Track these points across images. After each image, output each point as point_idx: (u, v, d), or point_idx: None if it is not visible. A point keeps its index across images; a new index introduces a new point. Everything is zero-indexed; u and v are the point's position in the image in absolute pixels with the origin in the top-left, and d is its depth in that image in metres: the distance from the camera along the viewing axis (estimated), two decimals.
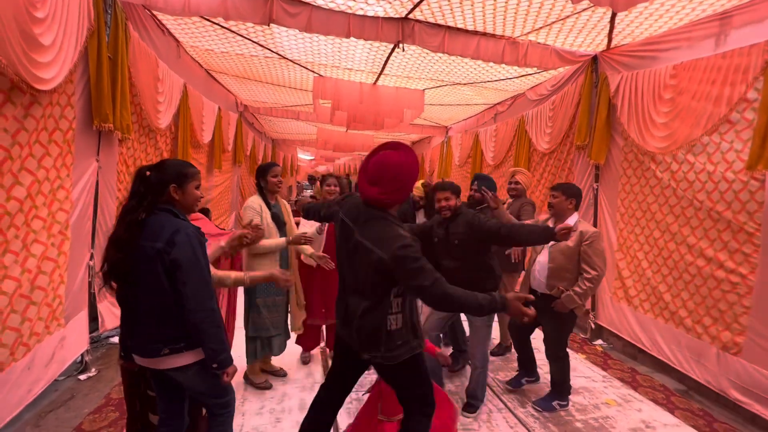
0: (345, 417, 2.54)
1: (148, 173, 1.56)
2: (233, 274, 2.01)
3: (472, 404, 2.63)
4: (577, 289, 2.48)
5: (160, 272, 1.47)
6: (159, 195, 1.56)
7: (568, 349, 2.75)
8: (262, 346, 2.77)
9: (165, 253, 1.46)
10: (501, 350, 3.59)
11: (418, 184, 4.13)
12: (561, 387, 2.72)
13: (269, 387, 2.83)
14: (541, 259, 2.66)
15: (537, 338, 2.91)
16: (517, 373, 3.03)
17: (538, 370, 3.03)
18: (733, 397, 2.70)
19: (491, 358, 3.45)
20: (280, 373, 3.00)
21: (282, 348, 2.87)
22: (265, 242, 2.56)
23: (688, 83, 2.99)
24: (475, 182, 3.13)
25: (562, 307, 2.50)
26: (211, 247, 1.97)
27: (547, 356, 2.73)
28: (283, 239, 2.67)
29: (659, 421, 2.64)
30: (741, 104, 2.65)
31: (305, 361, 3.25)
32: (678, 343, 3.13)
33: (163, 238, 1.47)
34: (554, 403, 2.70)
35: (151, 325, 1.52)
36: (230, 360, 1.59)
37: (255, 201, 2.68)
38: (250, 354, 2.78)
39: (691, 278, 3.02)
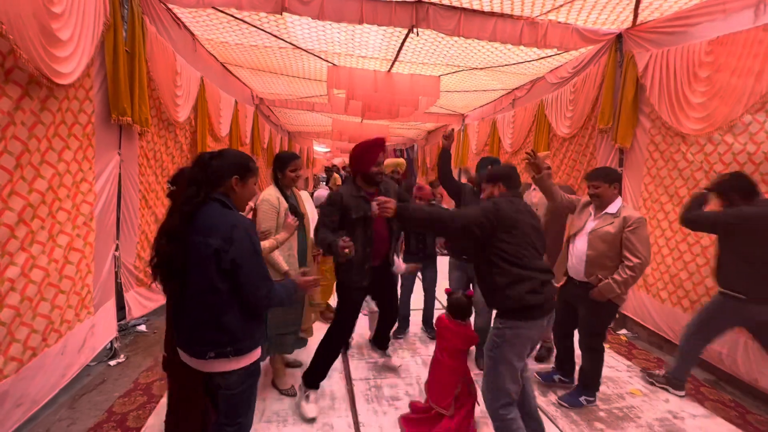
0: (363, 403, 2.55)
1: (211, 160, 1.49)
2: (267, 244, 2.04)
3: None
4: (616, 277, 2.30)
5: (214, 272, 1.38)
6: (218, 185, 1.49)
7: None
8: (275, 344, 2.61)
9: (223, 252, 1.37)
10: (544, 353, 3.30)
11: (390, 162, 4.22)
12: (590, 381, 2.56)
13: (294, 394, 2.64)
14: (579, 245, 2.49)
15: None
16: (551, 369, 2.89)
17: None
18: (763, 388, 2.57)
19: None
20: (295, 364, 2.94)
21: (297, 345, 2.70)
22: (276, 256, 2.39)
23: (727, 59, 2.80)
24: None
25: (600, 295, 2.36)
26: None
27: (581, 347, 2.57)
28: (285, 267, 2.42)
29: (687, 412, 2.54)
30: None
31: None
32: None
33: (220, 234, 1.38)
34: (581, 399, 2.55)
35: (198, 325, 1.45)
36: (296, 288, 1.65)
37: (272, 193, 2.46)
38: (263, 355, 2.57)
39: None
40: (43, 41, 2.00)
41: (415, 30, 3.46)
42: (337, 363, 3.08)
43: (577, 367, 2.69)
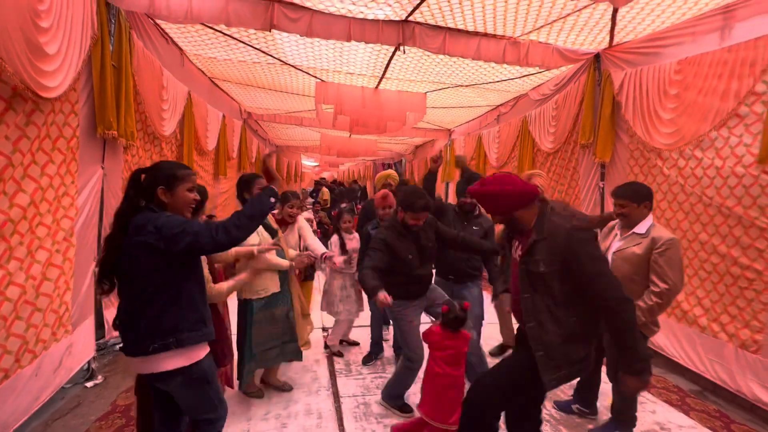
0: (352, 421, 2.50)
1: (142, 176, 1.56)
2: (225, 285, 2.04)
3: None
4: (641, 303, 2.07)
5: (150, 267, 1.46)
6: (149, 198, 1.54)
7: None
8: (259, 360, 2.59)
9: (156, 240, 1.44)
10: (500, 351, 3.50)
11: (382, 174, 4.24)
12: (624, 416, 2.32)
13: (261, 396, 2.70)
14: None
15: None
16: (571, 397, 2.66)
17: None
18: (752, 396, 2.62)
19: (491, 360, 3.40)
20: (284, 388, 2.83)
21: (283, 358, 2.69)
22: (272, 259, 2.46)
23: (694, 78, 2.95)
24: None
25: None
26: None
27: (609, 377, 2.31)
28: (287, 262, 2.54)
29: (674, 423, 2.57)
30: (749, 97, 2.60)
31: None
32: (692, 342, 3.05)
33: (146, 230, 1.45)
34: None
35: (141, 321, 1.49)
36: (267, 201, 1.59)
37: None
38: (246, 373, 2.59)
39: (706, 275, 2.95)
40: (29, 55, 1.98)
41: (401, 48, 3.55)
42: (324, 380, 3.03)
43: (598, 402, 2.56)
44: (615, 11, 3.12)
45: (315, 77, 4.85)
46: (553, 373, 1.58)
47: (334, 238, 3.43)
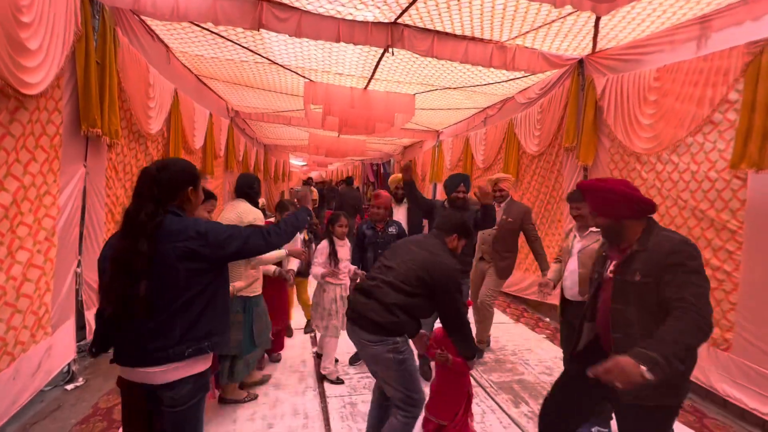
0: (338, 421, 2.52)
1: (160, 172, 1.45)
2: (238, 285, 2.04)
3: None
4: None
5: (184, 274, 1.37)
6: (173, 197, 1.46)
7: None
8: (256, 351, 2.66)
9: (201, 246, 1.39)
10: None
11: (394, 178, 4.25)
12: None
13: (255, 397, 2.72)
14: (571, 266, 2.50)
15: None
16: None
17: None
18: (723, 393, 2.73)
19: (483, 359, 3.47)
20: (264, 380, 2.89)
21: (268, 343, 2.81)
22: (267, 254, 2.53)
23: (672, 85, 3.06)
24: (461, 184, 3.18)
25: None
26: None
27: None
28: (283, 251, 2.66)
29: None
30: (723, 105, 2.71)
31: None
32: None
33: (187, 234, 1.38)
34: None
35: (159, 335, 1.40)
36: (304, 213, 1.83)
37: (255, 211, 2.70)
38: (245, 367, 2.58)
39: None
40: (10, 51, 1.94)
41: (390, 50, 3.58)
42: (311, 380, 3.04)
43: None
44: (598, 19, 3.21)
45: (304, 77, 4.84)
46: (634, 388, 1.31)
47: (323, 244, 3.08)
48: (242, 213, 2.58)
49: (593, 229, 2.43)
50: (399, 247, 2.12)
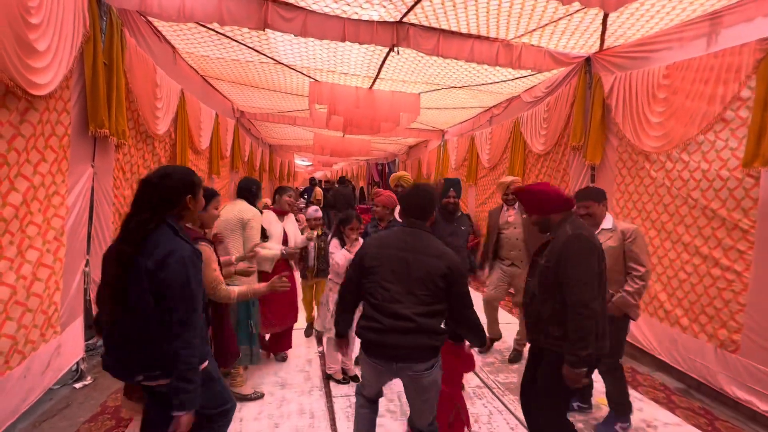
0: (344, 421, 2.51)
1: (161, 180, 1.47)
2: (236, 290, 1.94)
3: None
4: (628, 288, 2.34)
5: (147, 292, 1.36)
6: (172, 206, 1.47)
7: None
8: (256, 339, 2.78)
9: (153, 274, 1.36)
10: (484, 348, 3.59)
11: (395, 176, 4.20)
12: (620, 405, 2.46)
13: (261, 396, 2.74)
14: None
15: None
16: None
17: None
18: (733, 395, 2.69)
19: (490, 359, 3.45)
20: (254, 397, 2.76)
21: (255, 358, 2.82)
22: (263, 252, 2.58)
23: (682, 83, 3.02)
24: (451, 189, 3.11)
25: (617, 310, 2.33)
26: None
27: (599, 370, 2.35)
28: (278, 249, 2.68)
29: (660, 420, 2.63)
30: (735, 102, 2.67)
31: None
32: (674, 342, 3.13)
33: (155, 257, 1.37)
34: (617, 427, 2.44)
35: (127, 347, 1.42)
36: (195, 404, 1.41)
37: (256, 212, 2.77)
38: (245, 356, 2.69)
39: (686, 276, 3.02)
40: (18, 52, 1.96)
41: (395, 49, 3.57)
42: (317, 379, 3.04)
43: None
44: (605, 16, 3.17)
45: (309, 77, 4.84)
46: (535, 336, 1.94)
47: (335, 242, 2.98)
48: (241, 211, 2.70)
49: (605, 226, 2.44)
50: (393, 261, 1.76)
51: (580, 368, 1.73)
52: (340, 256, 2.89)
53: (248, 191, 2.85)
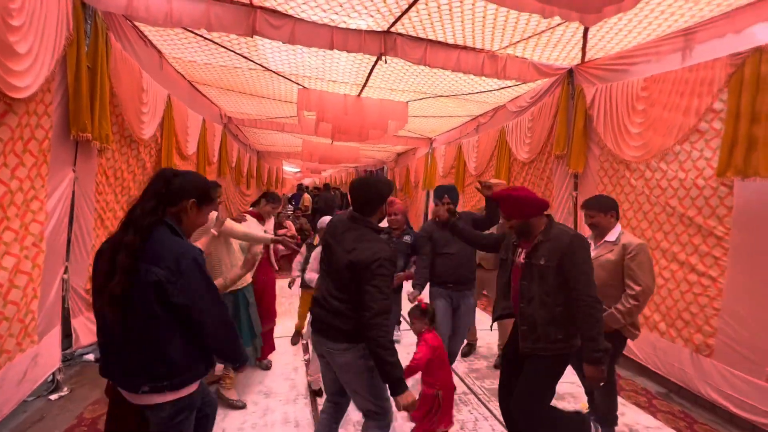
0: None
1: (174, 177, 1.46)
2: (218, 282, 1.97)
3: None
4: (619, 306, 2.20)
5: (153, 301, 1.30)
6: (173, 204, 1.44)
7: None
8: (258, 337, 2.83)
9: (170, 283, 1.30)
10: (468, 349, 3.64)
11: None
12: (607, 415, 2.39)
13: (244, 406, 2.69)
14: None
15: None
16: None
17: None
18: (710, 398, 2.76)
19: (476, 366, 3.46)
20: (237, 404, 2.72)
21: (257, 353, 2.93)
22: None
23: (659, 95, 3.13)
24: (445, 195, 3.03)
25: (605, 326, 2.12)
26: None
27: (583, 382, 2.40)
28: (269, 235, 2.80)
29: (642, 424, 2.67)
30: (709, 114, 2.78)
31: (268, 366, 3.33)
32: (654, 346, 3.20)
33: (165, 263, 1.31)
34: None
35: (134, 356, 1.35)
36: (247, 357, 1.60)
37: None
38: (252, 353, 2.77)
39: (664, 282, 3.11)
40: None
41: (383, 58, 3.62)
42: (302, 388, 3.00)
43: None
44: (586, 30, 3.28)
45: (297, 84, 4.85)
46: (531, 342, 1.92)
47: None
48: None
49: (608, 239, 2.34)
50: (327, 246, 1.91)
51: (603, 365, 1.79)
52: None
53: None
